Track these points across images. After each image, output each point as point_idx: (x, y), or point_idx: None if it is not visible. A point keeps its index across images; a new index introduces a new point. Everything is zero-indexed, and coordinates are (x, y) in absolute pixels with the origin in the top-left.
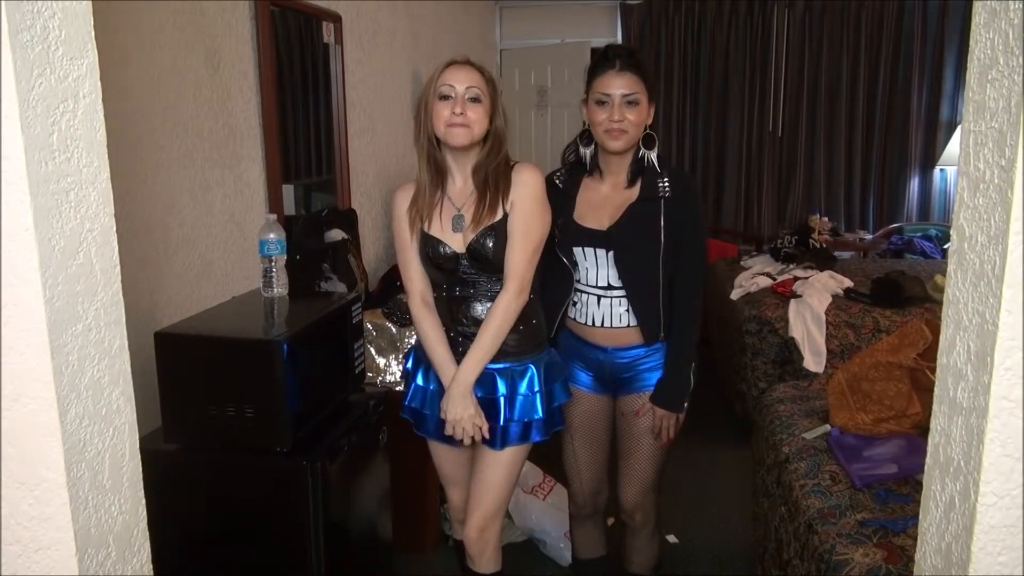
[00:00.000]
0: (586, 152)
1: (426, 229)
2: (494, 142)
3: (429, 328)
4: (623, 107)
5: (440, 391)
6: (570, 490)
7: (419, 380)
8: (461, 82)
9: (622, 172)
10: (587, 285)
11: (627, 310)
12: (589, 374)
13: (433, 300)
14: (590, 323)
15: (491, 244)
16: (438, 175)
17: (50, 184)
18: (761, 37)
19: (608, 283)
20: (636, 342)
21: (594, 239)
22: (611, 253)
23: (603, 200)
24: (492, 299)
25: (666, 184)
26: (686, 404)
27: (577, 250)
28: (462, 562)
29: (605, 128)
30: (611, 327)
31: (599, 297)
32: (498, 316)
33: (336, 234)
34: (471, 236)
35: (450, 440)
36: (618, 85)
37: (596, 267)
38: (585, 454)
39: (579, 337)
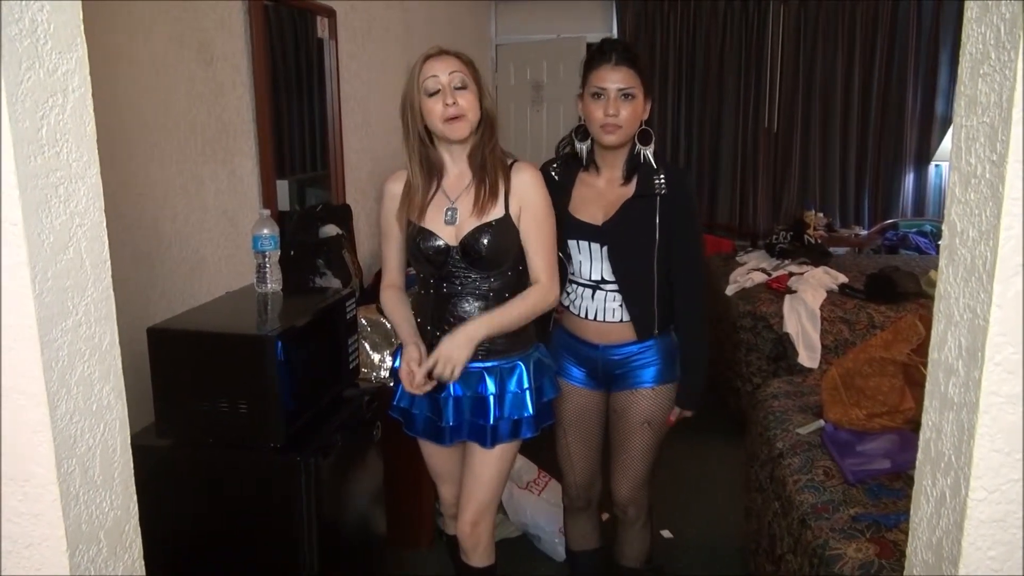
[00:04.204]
0: (582, 147)
1: (417, 221)
2: (487, 125)
3: (398, 302)
4: (618, 101)
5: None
6: (564, 483)
7: None
8: (443, 71)
9: (618, 167)
10: (581, 278)
11: (620, 305)
12: (582, 370)
13: (403, 289)
14: (583, 315)
15: (486, 242)
16: (432, 174)
17: (39, 179)
18: (756, 32)
19: (602, 277)
20: (629, 339)
21: (588, 233)
22: (605, 248)
23: (598, 195)
24: (480, 297)
25: (662, 181)
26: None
27: (571, 243)
28: (455, 557)
29: (600, 123)
30: (604, 321)
31: (593, 290)
32: (528, 304)
33: (330, 229)
34: (465, 231)
35: (439, 438)
36: (614, 79)
37: (590, 261)
38: (579, 448)
39: (572, 334)
